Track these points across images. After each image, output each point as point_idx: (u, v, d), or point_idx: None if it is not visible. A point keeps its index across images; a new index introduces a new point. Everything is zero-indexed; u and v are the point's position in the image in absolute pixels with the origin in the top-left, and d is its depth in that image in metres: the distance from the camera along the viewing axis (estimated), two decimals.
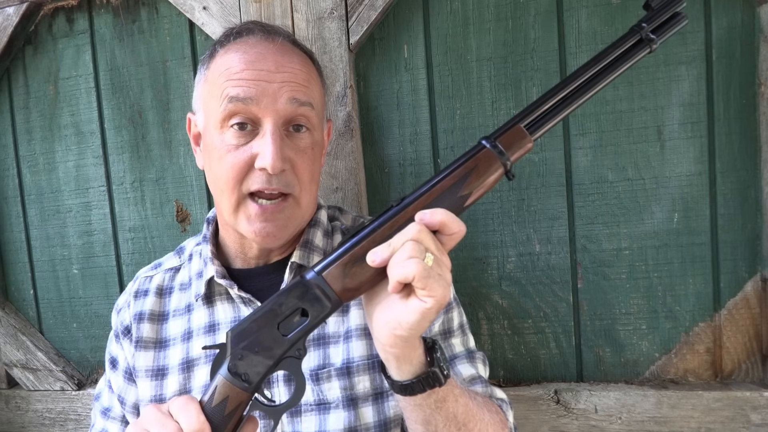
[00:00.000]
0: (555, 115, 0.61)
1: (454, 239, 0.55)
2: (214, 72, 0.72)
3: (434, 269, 0.52)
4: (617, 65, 0.62)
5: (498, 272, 1.06)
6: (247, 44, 0.72)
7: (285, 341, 0.58)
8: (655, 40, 0.61)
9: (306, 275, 0.59)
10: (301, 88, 0.71)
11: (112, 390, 0.83)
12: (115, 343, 0.83)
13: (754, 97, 0.95)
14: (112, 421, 0.82)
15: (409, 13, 1.05)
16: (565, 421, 1.02)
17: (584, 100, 0.62)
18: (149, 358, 0.79)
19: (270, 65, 0.69)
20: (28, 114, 1.25)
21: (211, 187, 0.75)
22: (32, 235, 1.28)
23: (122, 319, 0.82)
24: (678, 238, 0.99)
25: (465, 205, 0.58)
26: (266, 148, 0.67)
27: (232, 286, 0.76)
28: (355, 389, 0.73)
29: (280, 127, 0.69)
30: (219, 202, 0.74)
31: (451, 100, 1.05)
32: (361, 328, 0.75)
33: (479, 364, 0.79)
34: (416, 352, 0.58)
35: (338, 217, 0.87)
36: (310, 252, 0.78)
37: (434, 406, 0.60)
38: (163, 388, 0.77)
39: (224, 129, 0.70)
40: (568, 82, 0.61)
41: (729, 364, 1.00)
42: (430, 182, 0.59)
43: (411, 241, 0.53)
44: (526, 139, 0.60)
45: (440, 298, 0.52)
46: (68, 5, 1.19)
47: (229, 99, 0.68)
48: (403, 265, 0.52)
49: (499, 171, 0.59)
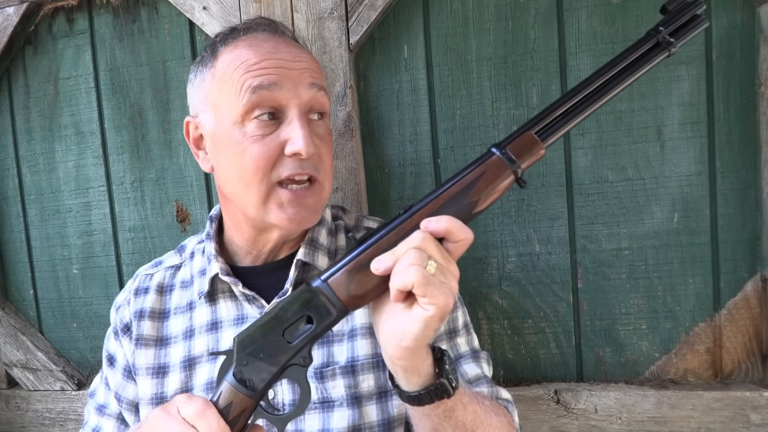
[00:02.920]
0: (568, 122, 0.59)
1: (461, 246, 0.55)
2: (226, 68, 0.71)
3: (436, 277, 0.51)
4: (633, 69, 0.60)
5: (498, 272, 1.06)
6: (257, 39, 0.72)
7: (289, 348, 0.57)
8: (675, 43, 0.59)
9: (312, 282, 0.58)
10: (317, 75, 0.73)
11: (109, 387, 0.83)
12: (114, 341, 0.83)
13: (754, 97, 0.95)
14: (108, 419, 0.82)
15: (409, 13, 1.05)
16: (565, 421, 1.02)
17: (599, 106, 0.60)
18: (150, 356, 0.79)
19: (286, 55, 0.70)
20: (28, 114, 1.25)
21: (231, 184, 0.72)
22: (32, 235, 1.28)
23: (122, 317, 0.82)
24: (678, 238, 0.99)
25: (474, 212, 0.58)
26: (297, 133, 0.67)
27: (236, 284, 0.76)
28: (359, 388, 0.73)
29: (305, 113, 0.71)
30: (243, 196, 0.72)
31: (451, 100, 1.05)
32: (366, 326, 0.75)
33: (484, 364, 0.79)
34: (424, 363, 0.57)
35: (341, 216, 0.88)
36: (315, 250, 0.78)
37: (443, 416, 0.60)
38: (164, 386, 0.77)
39: (246, 122, 0.69)
40: (582, 87, 0.60)
41: (729, 364, 1.00)
42: (437, 190, 0.58)
43: (413, 249, 0.53)
44: (537, 146, 0.58)
45: (442, 305, 0.51)
46: (68, 5, 1.19)
47: (252, 90, 0.68)
48: (404, 272, 0.52)
49: (509, 178, 0.58)
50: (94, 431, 0.82)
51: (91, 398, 0.86)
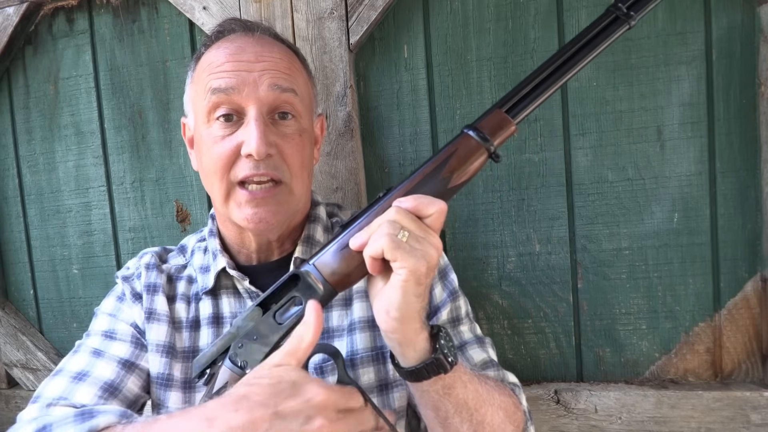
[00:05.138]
0: (535, 98, 0.63)
1: (436, 219, 0.57)
2: (199, 71, 0.74)
3: (408, 242, 0.54)
4: (594, 44, 0.63)
5: (498, 272, 1.06)
6: (228, 40, 0.74)
7: (280, 328, 0.60)
8: (634, 16, 0.62)
9: (301, 267, 0.62)
10: (282, 75, 0.72)
11: (110, 336, 0.75)
12: (117, 302, 0.78)
13: (754, 97, 0.95)
14: (106, 361, 0.72)
15: (409, 13, 1.05)
16: (565, 421, 1.02)
17: (564, 82, 0.63)
18: (162, 333, 0.76)
19: (250, 56, 0.71)
20: (28, 114, 1.25)
21: (204, 182, 0.77)
22: (32, 235, 1.28)
23: (132, 286, 0.79)
24: (678, 238, 0.99)
25: (449, 187, 0.61)
26: (250, 134, 0.68)
27: (243, 279, 0.76)
28: (359, 381, 0.73)
29: (265, 114, 0.70)
30: (212, 194, 0.75)
31: (451, 100, 1.05)
32: (364, 320, 0.76)
33: (489, 349, 0.80)
34: (418, 336, 0.59)
35: (337, 213, 0.88)
36: (312, 247, 0.78)
37: (442, 393, 0.61)
38: (172, 368, 0.75)
39: (210, 122, 0.71)
40: (547, 65, 0.63)
41: (729, 364, 1.00)
42: (414, 171, 0.62)
43: (385, 222, 0.56)
44: (507, 122, 0.62)
45: (413, 267, 0.54)
46: (68, 5, 1.19)
47: (212, 91, 0.70)
48: (375, 240, 0.55)
49: (482, 155, 0.61)
50: (79, 374, 0.70)
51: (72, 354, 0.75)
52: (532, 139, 1.03)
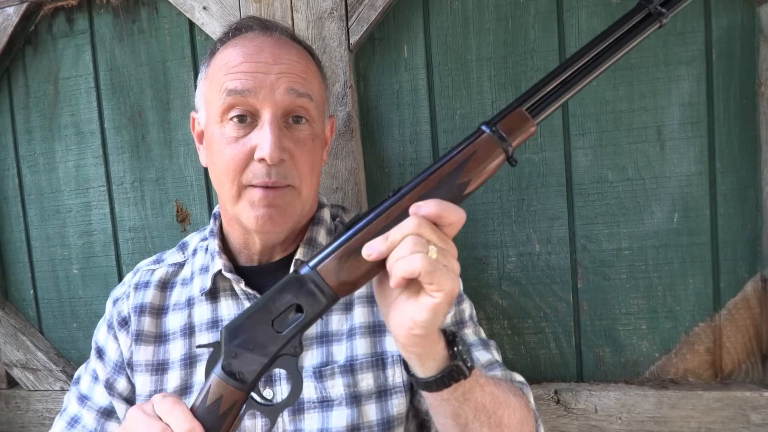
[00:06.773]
0: (558, 97, 0.58)
1: (454, 228, 0.53)
2: (214, 68, 0.73)
3: (440, 261, 0.51)
4: (624, 42, 0.58)
5: (498, 272, 1.06)
6: (245, 39, 0.73)
7: (279, 338, 0.56)
8: (666, 14, 0.57)
9: (301, 270, 0.57)
10: (298, 80, 0.71)
11: (96, 379, 0.83)
12: (106, 333, 0.83)
13: (754, 97, 0.95)
14: (89, 410, 0.82)
15: (409, 13, 1.05)
16: (565, 421, 1.02)
17: (590, 80, 0.58)
18: (149, 353, 0.78)
19: (267, 57, 0.70)
20: (28, 114, 1.25)
21: (214, 181, 0.76)
22: (32, 235, 1.28)
23: (119, 310, 0.82)
24: (678, 238, 0.99)
25: (465, 193, 0.56)
26: (264, 139, 0.67)
27: (239, 281, 0.76)
28: (358, 387, 0.73)
29: (279, 118, 0.70)
30: (221, 194, 0.75)
31: (451, 100, 1.05)
32: (365, 325, 0.75)
33: (494, 351, 0.80)
34: (437, 346, 0.56)
35: (341, 215, 0.88)
36: (314, 249, 0.78)
37: (461, 399, 0.59)
38: (164, 383, 0.77)
39: (224, 122, 0.71)
40: (571, 62, 0.58)
41: (729, 364, 1.00)
42: (427, 171, 0.56)
43: (412, 236, 0.51)
44: (528, 123, 0.57)
45: (449, 291, 0.51)
46: (68, 5, 1.19)
47: (227, 92, 0.69)
48: (408, 261, 0.50)
49: (500, 157, 0.56)
50: (72, 419, 0.82)
51: (75, 386, 0.85)
52: (532, 139, 1.03)
